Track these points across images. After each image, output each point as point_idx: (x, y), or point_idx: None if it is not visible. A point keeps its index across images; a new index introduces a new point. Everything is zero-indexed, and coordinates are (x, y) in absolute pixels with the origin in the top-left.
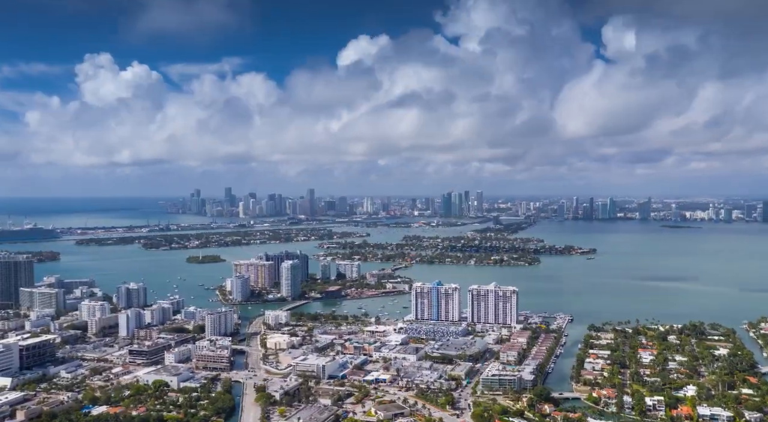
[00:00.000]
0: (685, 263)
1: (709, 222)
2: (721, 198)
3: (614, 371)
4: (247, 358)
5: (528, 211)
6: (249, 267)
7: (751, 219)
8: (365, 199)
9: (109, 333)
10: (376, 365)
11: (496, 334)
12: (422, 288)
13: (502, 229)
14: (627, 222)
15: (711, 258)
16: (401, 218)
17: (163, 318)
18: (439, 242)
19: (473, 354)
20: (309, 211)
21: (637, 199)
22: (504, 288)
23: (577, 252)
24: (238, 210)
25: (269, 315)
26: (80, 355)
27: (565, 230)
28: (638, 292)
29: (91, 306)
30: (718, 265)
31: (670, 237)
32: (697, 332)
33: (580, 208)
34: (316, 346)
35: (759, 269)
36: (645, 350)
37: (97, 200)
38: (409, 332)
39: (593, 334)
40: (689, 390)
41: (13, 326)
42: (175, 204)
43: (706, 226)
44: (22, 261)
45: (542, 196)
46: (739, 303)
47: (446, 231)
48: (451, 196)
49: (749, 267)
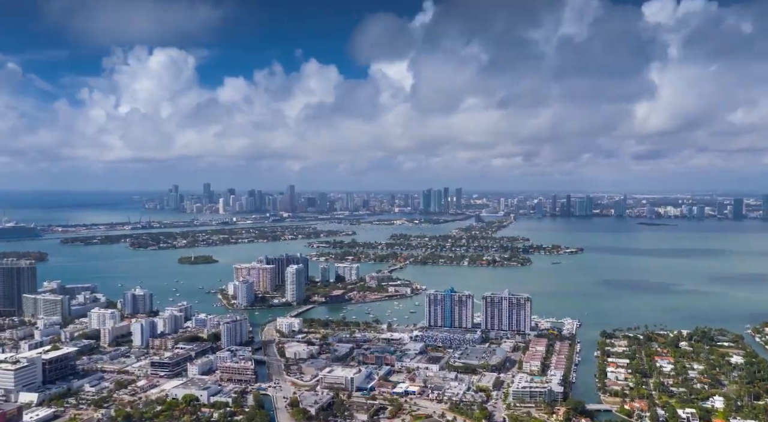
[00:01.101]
0: (673, 262)
1: (682, 219)
2: (687, 193)
3: (638, 381)
4: (269, 369)
5: (507, 207)
6: (250, 270)
7: (723, 216)
8: (345, 196)
9: (122, 342)
10: (400, 375)
11: (511, 342)
12: (435, 295)
13: (485, 227)
14: (603, 219)
15: (697, 257)
16: (382, 215)
17: (175, 326)
18: (427, 241)
19: (496, 364)
20: (289, 207)
21: (607, 194)
22: (517, 295)
23: (565, 252)
24: (218, 206)
25: (282, 323)
26: (99, 367)
27: (546, 227)
28: (634, 294)
29: (101, 314)
30: (705, 264)
31: (651, 236)
32: (706, 338)
33: (557, 205)
34: (336, 356)
35: (745, 267)
36: (662, 358)
37: (66, 194)
38: (426, 340)
39: (606, 341)
40: (716, 401)
41: (22, 335)
42: (152, 199)
43: (681, 224)
44: (24, 267)
45: (516, 191)
46: (735, 305)
47: (430, 229)
48: (431, 192)
49: (736, 265)
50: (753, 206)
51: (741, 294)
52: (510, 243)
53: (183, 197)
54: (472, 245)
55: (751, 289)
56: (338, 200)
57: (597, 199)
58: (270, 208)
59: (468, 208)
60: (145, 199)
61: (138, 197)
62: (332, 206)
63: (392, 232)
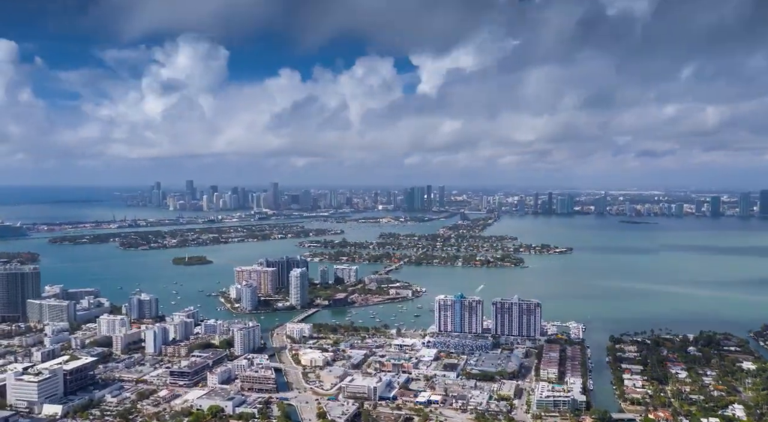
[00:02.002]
0: (663, 262)
1: (661, 217)
2: (660, 190)
3: (656, 389)
4: (287, 377)
5: (489, 205)
6: (252, 273)
7: (701, 213)
8: (329, 192)
9: (133, 349)
10: (418, 383)
11: (523, 347)
12: (445, 300)
13: (471, 225)
14: (584, 216)
15: (686, 255)
16: (366, 212)
17: (185, 332)
18: (417, 240)
19: (513, 372)
20: (273, 204)
21: (583, 191)
22: (528, 301)
23: (555, 252)
24: (202, 203)
25: (293, 329)
26: (117, 376)
27: (530, 226)
28: (631, 295)
29: (111, 321)
30: (697, 263)
31: (636, 234)
32: (713, 343)
33: (539, 203)
34: (352, 363)
35: (737, 267)
36: (673, 364)
37: (45, 190)
38: (438, 346)
39: (616, 346)
40: (736, 409)
41: (31, 342)
42: (134, 196)
43: (662, 222)
44: (28, 272)
45: (492, 187)
46: (733, 306)
47: (417, 228)
48: (414, 190)
49: (727, 265)
50: (729, 203)
51: (738, 296)
52: (499, 242)
53: (165, 194)
54: (462, 245)
55: (746, 292)
56: (321, 197)
57: (575, 196)
58: (254, 206)
59: (450, 205)
60: (126, 196)
61: (119, 193)
62: (316, 204)
63: (380, 231)
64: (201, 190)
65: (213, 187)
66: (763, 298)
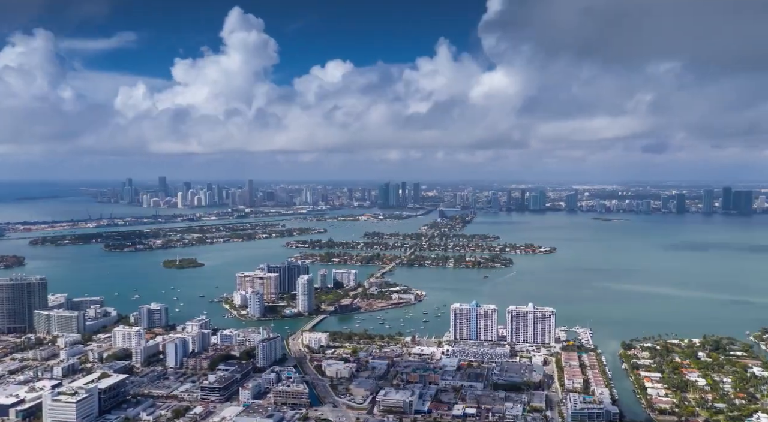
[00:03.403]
0: (648, 261)
1: (630, 213)
2: (619, 184)
3: (680, 398)
4: (316, 390)
5: (463, 201)
6: (254, 279)
7: (667, 209)
8: (304, 189)
9: (153, 362)
10: (447, 395)
11: (540, 355)
12: (461, 309)
13: (450, 223)
14: (556, 213)
15: (669, 254)
16: (342, 209)
17: (203, 343)
18: (402, 240)
19: (539, 382)
20: (248, 201)
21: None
22: (542, 309)
23: (540, 251)
24: (176, 200)
25: (311, 338)
26: (146, 392)
27: (507, 223)
28: (626, 297)
29: (127, 333)
30: (684, 262)
31: (613, 232)
32: (719, 348)
33: (512, 199)
34: (377, 374)
35: (726, 267)
36: (688, 370)
37: None
38: (458, 355)
39: (629, 353)
40: (762, 418)
41: (46, 355)
42: (104, 192)
43: (632, 218)
44: (35, 282)
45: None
46: (729, 307)
47: (397, 226)
48: (389, 186)
49: (715, 264)
50: (689, 197)
51: (729, 297)
52: (483, 241)
53: (138, 191)
54: (449, 245)
55: (738, 293)
56: (296, 193)
57: (537, 191)
58: (229, 202)
59: (423, 201)
60: (95, 192)
61: (85, 189)
62: (291, 200)
63: (361, 229)
64: (174, 187)
65: (186, 183)
66: (753, 299)
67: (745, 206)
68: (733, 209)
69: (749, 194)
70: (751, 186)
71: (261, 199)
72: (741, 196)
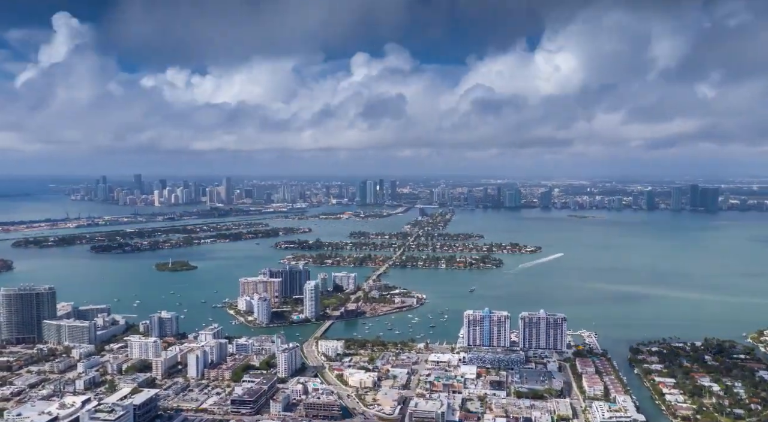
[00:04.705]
0: (634, 260)
1: (602, 210)
2: (585, 180)
3: (699, 404)
4: (342, 400)
5: (439, 198)
6: (257, 284)
7: (638, 206)
8: (282, 186)
9: (173, 374)
10: (473, 404)
11: (555, 361)
12: (474, 316)
13: (432, 222)
14: (531, 210)
15: (656, 253)
16: (321, 207)
17: (221, 353)
18: (387, 239)
19: (560, 389)
20: (226, 199)
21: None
22: (554, 316)
23: (526, 251)
24: (153, 198)
25: (327, 346)
26: (174, 406)
27: (487, 221)
28: (619, 298)
29: (144, 343)
30: (672, 262)
31: (592, 229)
32: (722, 350)
33: (488, 197)
34: (401, 384)
35: (713, 266)
36: (699, 375)
37: None
38: (476, 362)
39: (639, 358)
40: None
41: (63, 367)
42: (76, 189)
43: (608, 215)
44: (43, 292)
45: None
46: (724, 308)
47: (379, 224)
48: (366, 184)
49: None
50: (657, 193)
51: (723, 298)
52: (468, 240)
53: (112, 188)
54: (436, 245)
55: (729, 293)
56: (271, 189)
57: (507, 186)
58: (206, 200)
59: (399, 198)
60: (67, 189)
61: (54, 186)
62: (269, 198)
63: (345, 228)
64: (149, 184)
65: (162, 181)
66: (745, 299)
67: (711, 203)
68: (700, 206)
69: (715, 191)
70: (699, 180)
71: (238, 197)
72: (708, 194)
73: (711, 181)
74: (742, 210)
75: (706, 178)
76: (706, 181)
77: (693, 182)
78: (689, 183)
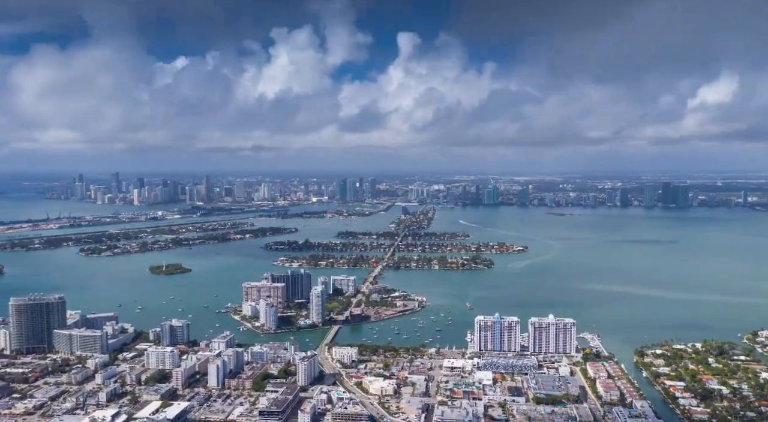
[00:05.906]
0: (621, 260)
1: (578, 207)
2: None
3: (712, 407)
4: (367, 410)
5: (419, 196)
6: (261, 289)
7: (612, 203)
8: (262, 184)
9: (192, 383)
10: (495, 410)
11: (566, 366)
12: (485, 321)
13: (415, 220)
14: (510, 207)
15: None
16: (301, 205)
17: (238, 362)
18: (375, 239)
19: (577, 395)
20: (206, 197)
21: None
22: (563, 320)
23: (514, 251)
24: (132, 196)
25: (342, 353)
26: (203, 418)
27: (468, 219)
28: (616, 299)
29: (160, 353)
30: (658, 260)
31: (576, 227)
32: (722, 352)
33: (468, 194)
34: (420, 391)
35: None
36: (705, 377)
37: None
38: (490, 368)
39: (645, 361)
40: None
41: (80, 378)
42: (52, 188)
43: (584, 212)
44: (53, 301)
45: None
46: (718, 308)
47: (363, 223)
48: (347, 181)
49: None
50: (629, 190)
51: (717, 298)
52: (455, 240)
53: (89, 186)
54: (425, 244)
55: (720, 293)
56: (251, 185)
57: (485, 182)
58: (185, 198)
59: (378, 195)
60: (42, 187)
61: (29, 183)
62: (249, 196)
63: (330, 227)
64: (126, 182)
65: (140, 179)
66: (736, 299)
67: (682, 200)
68: (671, 203)
69: (686, 189)
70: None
71: (219, 195)
72: (679, 191)
73: (677, 176)
74: (712, 206)
75: (671, 174)
76: (672, 176)
77: (657, 178)
78: (653, 179)
